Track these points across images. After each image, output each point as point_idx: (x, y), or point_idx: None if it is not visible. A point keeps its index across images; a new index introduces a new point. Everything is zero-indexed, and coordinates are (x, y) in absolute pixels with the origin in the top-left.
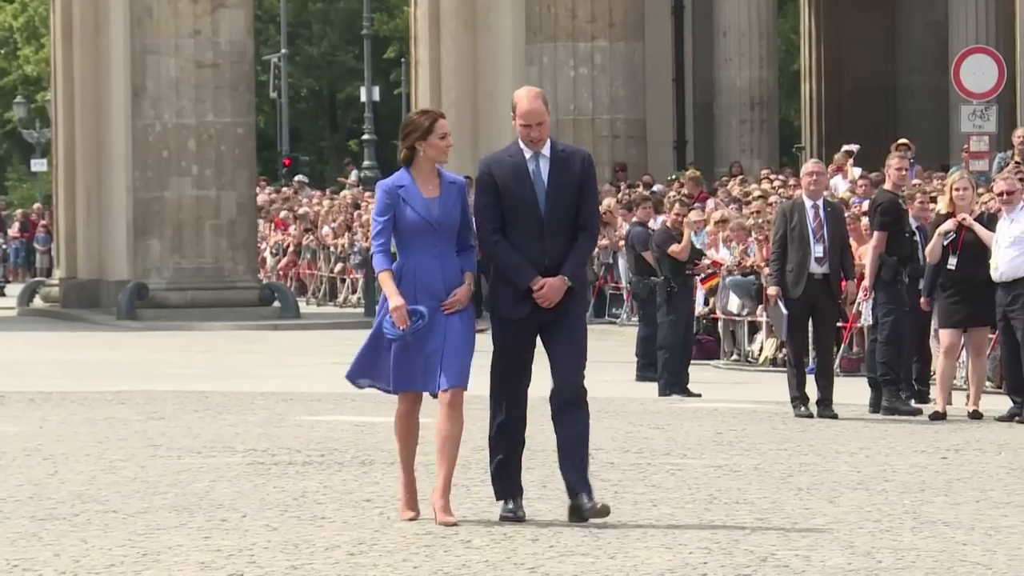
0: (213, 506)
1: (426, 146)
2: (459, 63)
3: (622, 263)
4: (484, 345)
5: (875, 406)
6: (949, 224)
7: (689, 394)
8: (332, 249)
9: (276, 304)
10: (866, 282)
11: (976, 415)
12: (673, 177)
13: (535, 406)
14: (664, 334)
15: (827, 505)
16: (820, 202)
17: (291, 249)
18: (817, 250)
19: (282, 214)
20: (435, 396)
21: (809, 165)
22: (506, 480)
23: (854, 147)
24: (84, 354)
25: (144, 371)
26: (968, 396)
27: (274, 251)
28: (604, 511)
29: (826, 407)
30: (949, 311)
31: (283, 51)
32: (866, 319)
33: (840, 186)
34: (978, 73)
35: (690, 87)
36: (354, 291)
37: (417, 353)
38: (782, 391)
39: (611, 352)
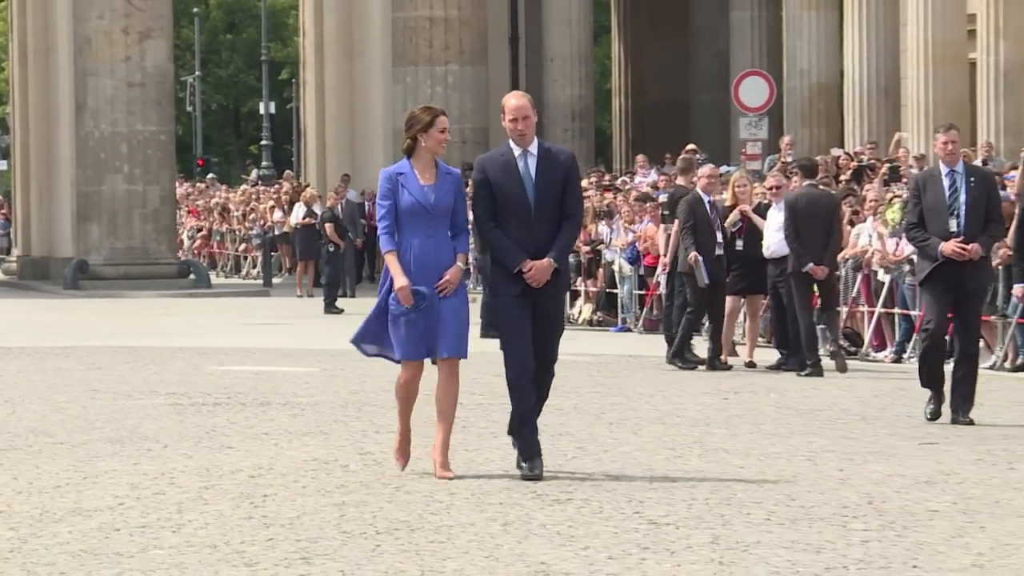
0: (141, 438)
1: (426, 137)
2: (339, 83)
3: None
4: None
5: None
6: (735, 215)
7: None
8: (237, 232)
9: (192, 277)
10: (666, 259)
11: (751, 364)
12: None
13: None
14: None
15: (632, 436)
16: (712, 198)
17: (203, 232)
18: (718, 236)
19: (196, 204)
20: (434, 363)
21: (707, 169)
22: (526, 441)
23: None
24: (37, 317)
25: (86, 331)
26: (745, 349)
27: (190, 234)
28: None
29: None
30: (733, 282)
31: (197, 73)
32: (663, 288)
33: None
34: (753, 91)
35: None
36: (254, 266)
37: (421, 326)
38: (597, 346)
39: None
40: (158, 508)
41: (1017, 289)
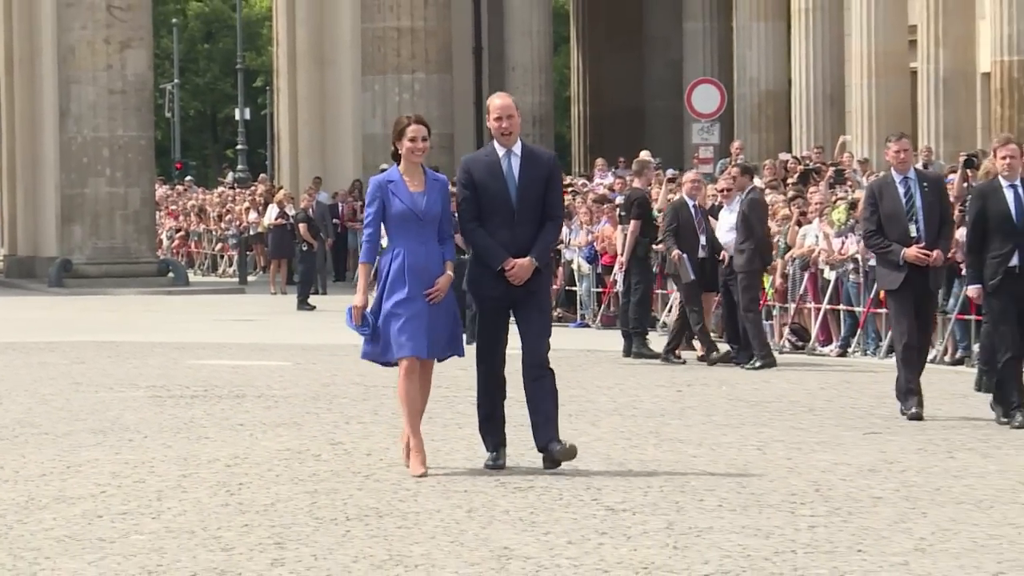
0: (122, 429)
1: (400, 145)
2: (310, 91)
3: None
4: None
5: (627, 352)
6: None
7: None
8: (213, 232)
9: (171, 275)
10: (623, 257)
11: (704, 358)
12: None
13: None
14: (471, 299)
15: (590, 427)
16: (696, 202)
17: (182, 232)
18: (702, 239)
19: (174, 206)
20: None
21: (691, 174)
22: (491, 434)
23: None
24: (23, 313)
25: (69, 326)
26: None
27: (169, 234)
28: (572, 451)
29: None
30: None
31: (176, 80)
32: (620, 285)
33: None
34: (705, 98)
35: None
36: (231, 265)
37: (413, 325)
38: (556, 341)
39: None
40: (138, 496)
41: (971, 291)
